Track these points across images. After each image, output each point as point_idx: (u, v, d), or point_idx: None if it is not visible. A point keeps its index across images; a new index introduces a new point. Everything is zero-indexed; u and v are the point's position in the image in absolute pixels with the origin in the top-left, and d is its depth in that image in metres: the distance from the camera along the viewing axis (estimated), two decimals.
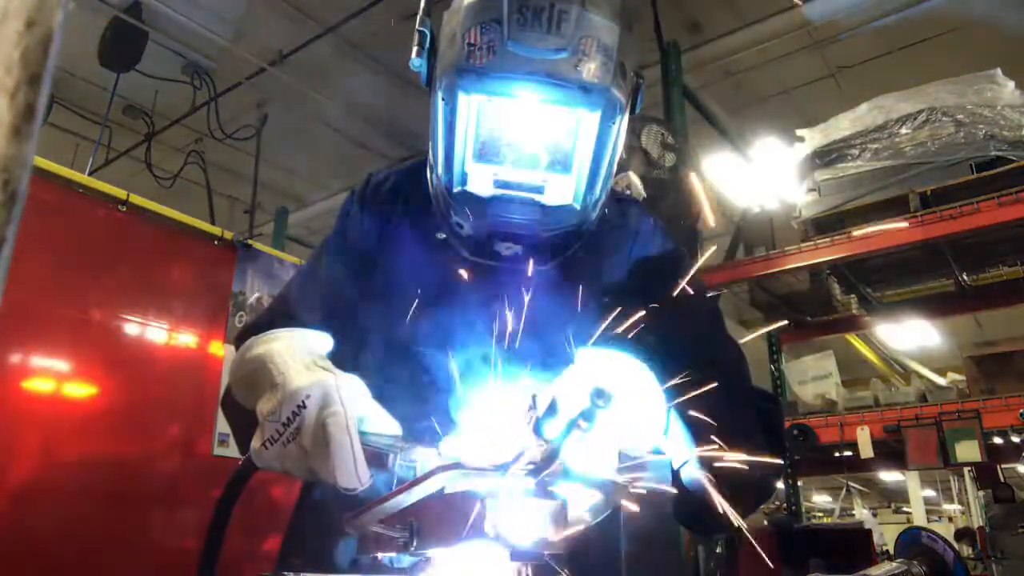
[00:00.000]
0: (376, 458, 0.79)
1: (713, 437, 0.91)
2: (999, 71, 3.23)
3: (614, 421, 0.74)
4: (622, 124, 0.99)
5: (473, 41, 0.91)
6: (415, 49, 1.02)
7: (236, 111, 5.55)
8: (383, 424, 0.85)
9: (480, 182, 1.00)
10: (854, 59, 5.15)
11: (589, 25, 0.91)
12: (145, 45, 4.81)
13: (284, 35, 4.90)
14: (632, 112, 1.03)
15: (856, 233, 3.28)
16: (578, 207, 1.01)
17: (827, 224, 3.42)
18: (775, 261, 3.53)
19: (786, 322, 4.27)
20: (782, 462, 1.03)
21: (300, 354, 0.89)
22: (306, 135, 5.96)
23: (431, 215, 1.12)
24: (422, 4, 1.06)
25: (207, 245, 3.20)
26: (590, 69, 0.91)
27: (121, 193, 2.87)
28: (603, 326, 1.08)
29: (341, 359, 0.94)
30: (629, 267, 1.15)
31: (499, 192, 1.00)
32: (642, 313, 1.10)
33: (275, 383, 0.84)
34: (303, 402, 0.80)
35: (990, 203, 2.95)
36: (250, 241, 3.42)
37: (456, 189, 1.00)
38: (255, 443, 0.84)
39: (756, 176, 5.17)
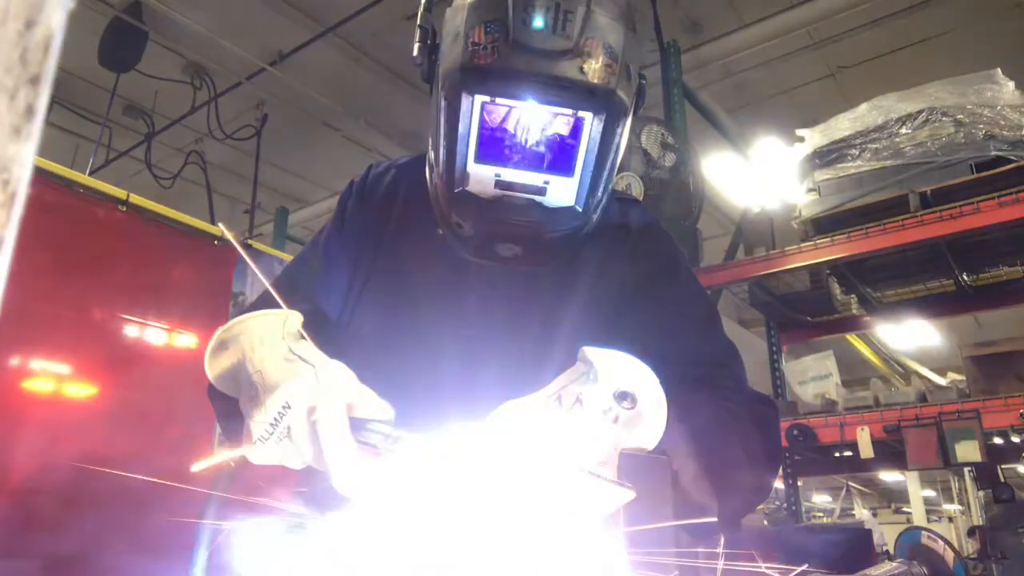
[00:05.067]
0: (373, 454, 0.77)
1: (708, 439, 0.91)
2: (999, 71, 3.23)
3: (626, 422, 0.74)
4: (626, 126, 0.98)
5: (477, 40, 0.90)
6: (416, 46, 1.01)
7: (236, 111, 5.55)
8: (375, 410, 0.83)
9: (481, 183, 0.99)
10: (854, 59, 5.16)
11: (595, 26, 0.91)
12: (145, 45, 4.82)
13: (284, 35, 4.90)
14: (635, 114, 1.02)
15: (856, 233, 3.28)
16: (580, 209, 1.00)
17: (827, 224, 3.41)
18: (775, 261, 3.52)
19: None
20: (771, 466, 1.03)
21: (273, 342, 0.86)
22: (306, 135, 5.96)
23: (430, 210, 1.11)
24: (423, 0, 1.05)
25: (207, 245, 3.20)
26: (595, 70, 0.90)
27: (121, 193, 2.87)
28: (601, 325, 1.08)
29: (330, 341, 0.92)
30: (628, 267, 1.15)
31: (500, 193, 0.99)
32: (640, 313, 1.10)
33: (253, 382, 0.82)
34: (287, 403, 0.78)
35: (990, 203, 2.95)
36: (250, 241, 3.42)
37: (457, 189, 0.99)
38: (246, 442, 0.82)
39: (756, 176, 5.16)
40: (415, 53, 1.01)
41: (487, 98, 0.93)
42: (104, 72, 4.97)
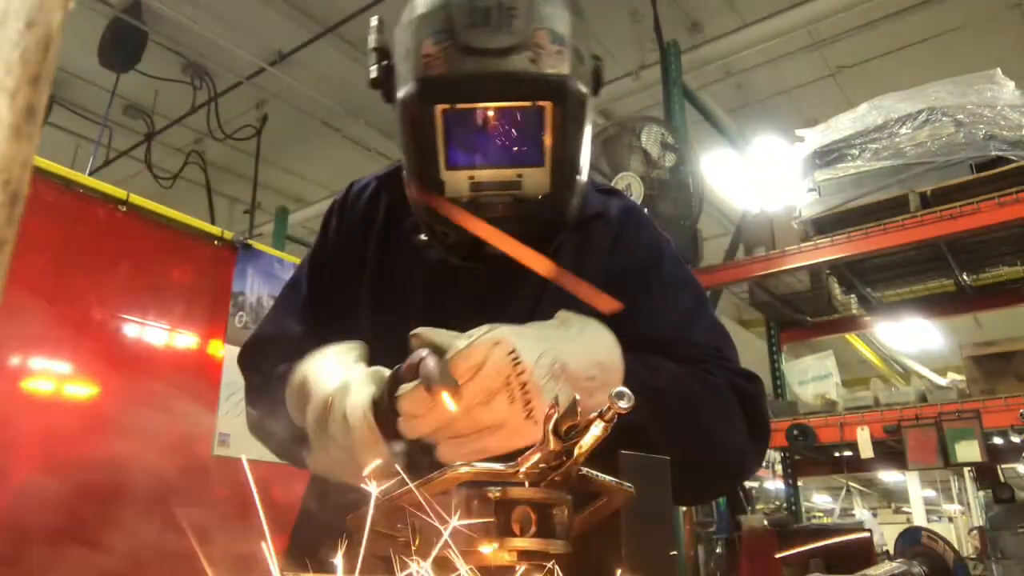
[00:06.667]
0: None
1: (670, 396, 0.92)
2: (999, 71, 3.23)
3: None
4: (588, 108, 1.00)
5: (427, 52, 0.92)
6: (372, 69, 1.03)
7: (236, 111, 5.55)
8: None
9: (456, 188, 1.00)
10: (854, 59, 5.16)
11: (539, 16, 0.92)
12: (145, 45, 4.82)
13: (284, 35, 4.90)
14: (595, 94, 1.04)
15: (856, 233, 3.28)
16: (558, 196, 1.02)
17: (827, 224, 3.42)
18: (775, 261, 3.53)
19: None
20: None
21: (331, 366, 0.93)
22: (306, 135, 5.96)
23: (411, 217, 1.12)
24: (372, 23, 1.06)
25: (207, 245, 3.20)
26: (547, 61, 0.92)
27: (121, 193, 2.87)
28: (588, 315, 1.08)
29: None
30: (610, 255, 1.14)
31: (476, 195, 1.00)
32: (625, 301, 1.10)
33: (309, 395, 0.89)
34: (329, 401, 0.85)
35: (990, 203, 2.95)
36: (250, 241, 3.42)
37: (434, 199, 1.01)
38: (307, 457, 0.89)
39: (756, 176, 5.17)
40: (373, 75, 1.02)
41: (447, 106, 0.95)
42: (104, 72, 4.97)
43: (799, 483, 4.43)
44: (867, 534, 3.19)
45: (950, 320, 6.42)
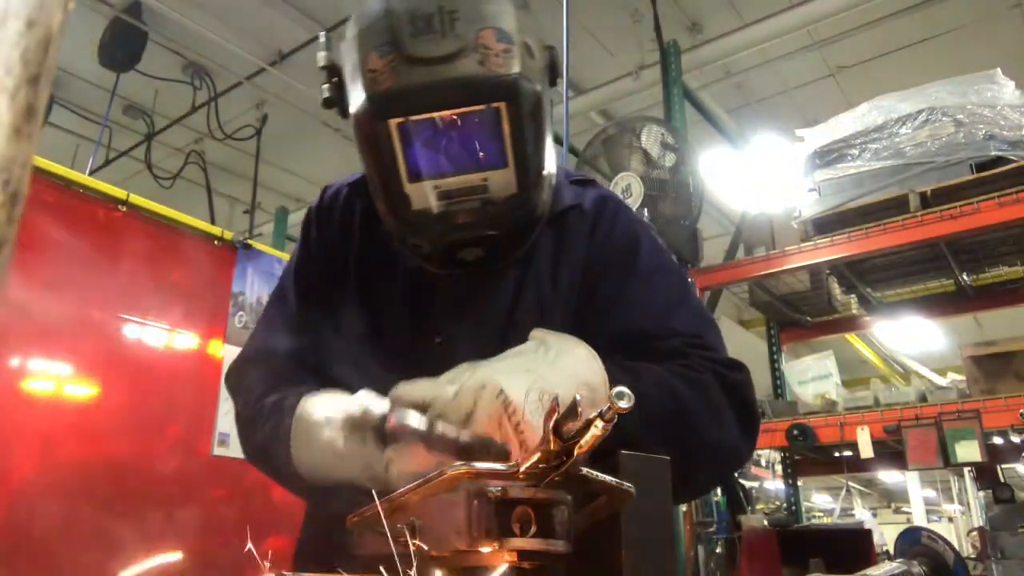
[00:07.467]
0: None
1: (650, 401, 0.90)
2: (999, 71, 3.23)
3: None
4: (543, 102, 0.98)
5: (374, 67, 0.91)
6: (324, 88, 1.01)
7: (236, 111, 5.55)
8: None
9: (422, 200, 0.99)
10: (854, 59, 5.16)
11: (482, 16, 0.91)
12: (145, 45, 4.82)
13: (284, 35, 4.90)
14: (552, 84, 1.02)
15: (856, 233, 3.28)
16: (525, 194, 1.01)
17: (827, 224, 3.42)
18: (775, 261, 3.53)
19: None
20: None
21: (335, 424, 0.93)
22: (306, 135, 5.96)
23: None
24: (321, 39, 1.05)
25: (207, 245, 3.20)
26: (495, 61, 0.90)
27: (121, 193, 2.87)
28: (571, 309, 1.08)
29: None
30: (588, 247, 1.13)
31: (444, 203, 0.99)
32: (606, 291, 1.09)
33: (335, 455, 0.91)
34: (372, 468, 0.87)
35: (990, 203, 2.95)
36: (250, 241, 3.42)
37: (401, 213, 1.00)
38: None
39: (756, 176, 5.17)
40: (326, 95, 1.00)
41: (401, 119, 0.93)
42: (104, 72, 4.97)
43: (799, 483, 4.43)
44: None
45: (950, 320, 6.42)
